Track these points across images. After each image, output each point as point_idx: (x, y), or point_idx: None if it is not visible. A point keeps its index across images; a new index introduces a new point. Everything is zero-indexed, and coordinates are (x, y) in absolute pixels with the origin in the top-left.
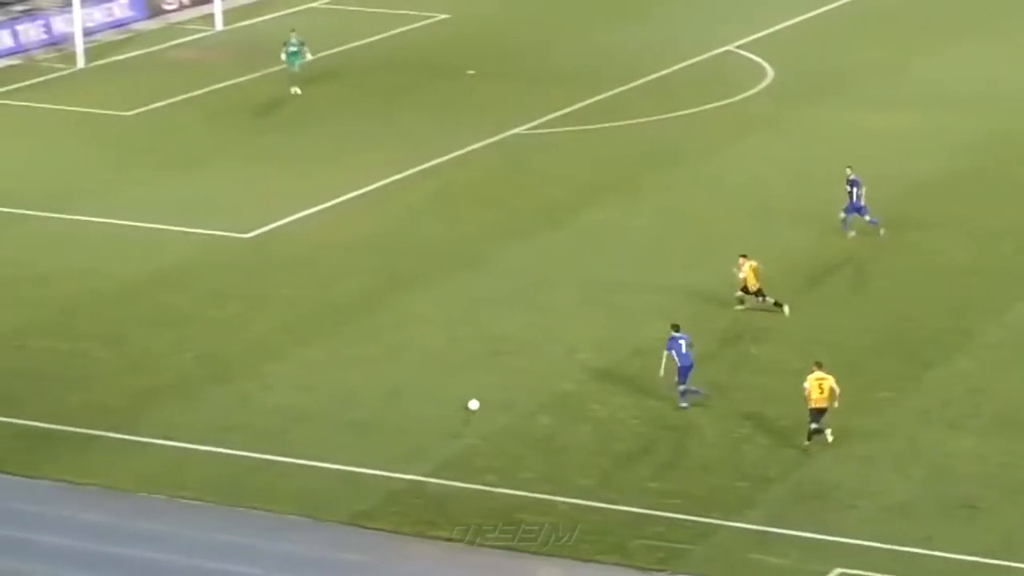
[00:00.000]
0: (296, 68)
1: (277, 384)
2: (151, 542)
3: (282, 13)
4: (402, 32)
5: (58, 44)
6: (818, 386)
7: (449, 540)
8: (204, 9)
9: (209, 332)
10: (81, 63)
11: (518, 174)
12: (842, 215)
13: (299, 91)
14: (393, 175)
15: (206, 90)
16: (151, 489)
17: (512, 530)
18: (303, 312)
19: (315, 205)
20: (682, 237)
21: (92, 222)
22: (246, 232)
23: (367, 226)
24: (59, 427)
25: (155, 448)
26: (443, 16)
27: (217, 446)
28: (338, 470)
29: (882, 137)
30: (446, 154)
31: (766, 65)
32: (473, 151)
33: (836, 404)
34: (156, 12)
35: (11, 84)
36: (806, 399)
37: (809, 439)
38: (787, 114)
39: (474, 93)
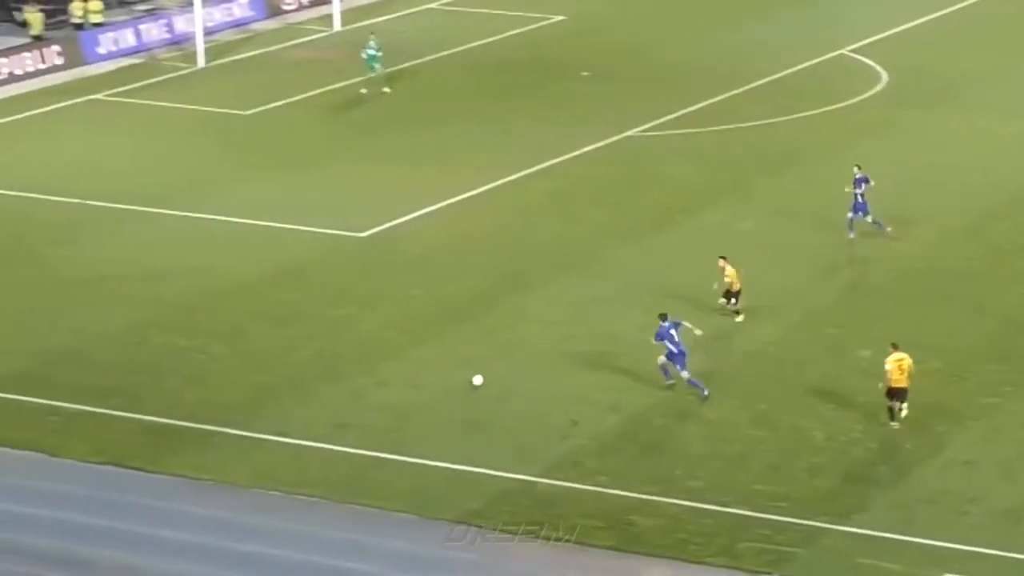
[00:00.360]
0: (377, 70)
1: (390, 382)
2: (266, 538)
3: (400, 14)
4: (518, 33)
5: (179, 43)
6: (898, 367)
7: (558, 540)
8: (323, 9)
9: (324, 330)
10: (201, 62)
11: (631, 176)
12: (849, 215)
13: (388, 90)
14: (508, 175)
15: (323, 90)
16: (267, 485)
17: (621, 531)
18: (417, 311)
19: (430, 205)
20: (792, 240)
21: (211, 220)
22: (362, 231)
23: (481, 226)
24: (178, 423)
25: (271, 445)
26: (559, 18)
27: (331, 443)
28: (449, 469)
29: (995, 142)
30: (560, 155)
31: (880, 69)
32: (587, 152)
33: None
34: (275, 12)
35: (134, 82)
36: (886, 380)
37: (892, 419)
38: (900, 118)
39: (588, 95)
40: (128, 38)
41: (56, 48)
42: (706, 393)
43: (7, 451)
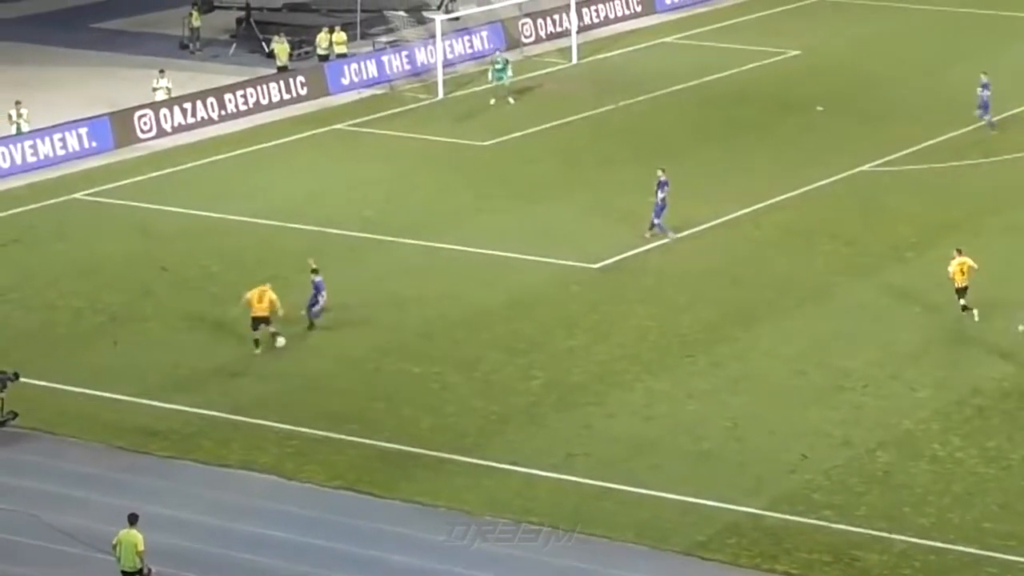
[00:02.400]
0: (505, 83)
1: (621, 413)
2: (495, 565)
3: (636, 47)
4: (753, 68)
5: (420, 75)
6: (959, 269)
7: (786, 574)
8: (560, 42)
9: (557, 359)
10: (441, 93)
11: (865, 210)
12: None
13: (512, 101)
14: (741, 209)
15: (560, 122)
16: (498, 512)
17: (847, 566)
18: (649, 342)
19: (665, 237)
20: None
21: (449, 249)
22: (595, 262)
23: (715, 258)
24: (412, 449)
25: (502, 472)
26: (794, 52)
27: (561, 472)
28: (678, 500)
29: None
30: (794, 189)
31: None
32: (821, 187)
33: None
34: (514, 44)
35: (375, 113)
36: (952, 281)
37: (964, 310)
38: None
39: (823, 129)
40: (370, 69)
41: (301, 78)
42: None
43: (249, 474)
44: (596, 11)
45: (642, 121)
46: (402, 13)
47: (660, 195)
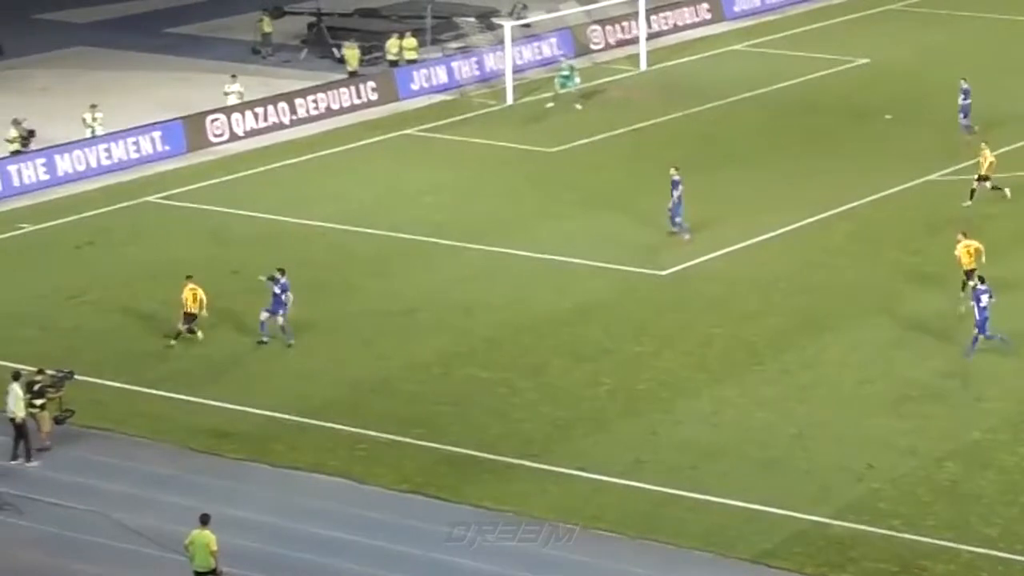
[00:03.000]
0: (571, 89)
1: (687, 420)
2: (562, 570)
3: (705, 55)
4: (822, 76)
5: (489, 81)
6: (966, 251)
7: None
8: (629, 49)
9: (624, 366)
10: (510, 99)
11: (933, 219)
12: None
13: (580, 107)
14: (810, 217)
15: (627, 129)
16: (565, 518)
17: None
18: (716, 349)
19: (732, 244)
20: None
21: (517, 255)
22: (663, 269)
23: (783, 266)
24: (479, 454)
25: (569, 478)
26: (863, 61)
27: (628, 479)
28: (744, 508)
29: None
30: (862, 198)
31: None
32: (889, 195)
33: (982, 260)
34: (583, 51)
35: (445, 118)
36: (958, 263)
37: (963, 289)
38: None
39: (891, 137)
40: (440, 75)
41: (371, 84)
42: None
43: (319, 477)
44: (665, 18)
45: (710, 129)
46: (472, 19)
47: (675, 194)
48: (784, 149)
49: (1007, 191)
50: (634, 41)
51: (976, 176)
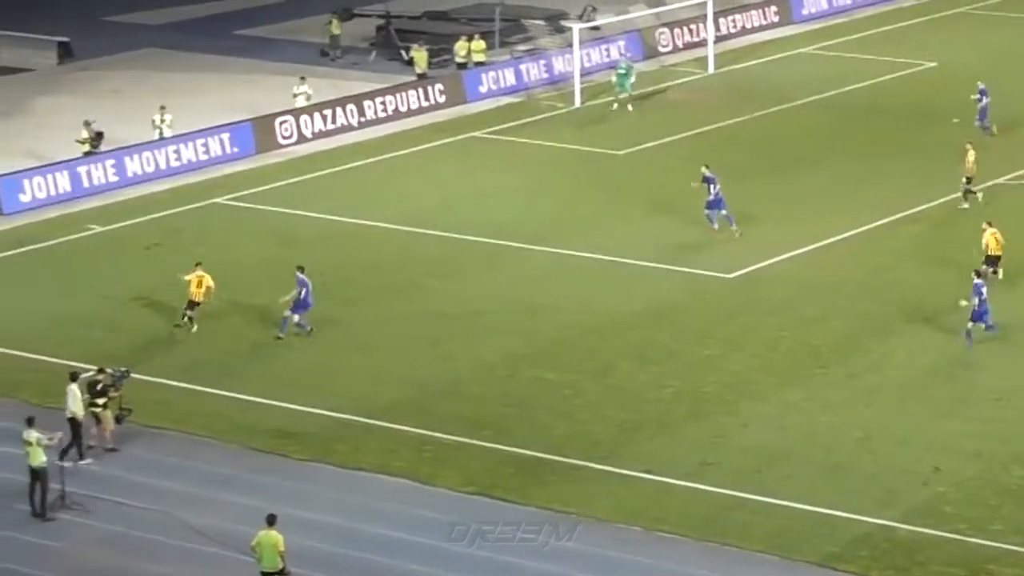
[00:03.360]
0: (628, 89)
1: (753, 423)
2: (625, 572)
3: (772, 57)
4: (890, 79)
5: (557, 83)
6: (993, 239)
7: None
8: (697, 52)
9: (690, 369)
10: (578, 102)
11: (1000, 223)
12: (705, 212)
13: (631, 108)
14: (877, 220)
15: (695, 132)
16: (629, 520)
17: None
18: (782, 353)
19: (799, 248)
20: None
21: (584, 257)
22: (730, 272)
23: (850, 270)
24: (545, 456)
25: (634, 480)
26: (930, 64)
27: (693, 481)
28: (810, 511)
29: None
30: (930, 201)
31: None
32: (956, 198)
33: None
34: (651, 54)
35: (511, 121)
36: (984, 250)
37: (993, 274)
38: None
39: (959, 141)
40: (508, 77)
41: (439, 86)
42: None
43: (383, 477)
44: (733, 21)
45: (778, 131)
46: (540, 22)
47: (714, 189)
48: (851, 152)
49: (979, 196)
50: (702, 44)
51: (965, 179)
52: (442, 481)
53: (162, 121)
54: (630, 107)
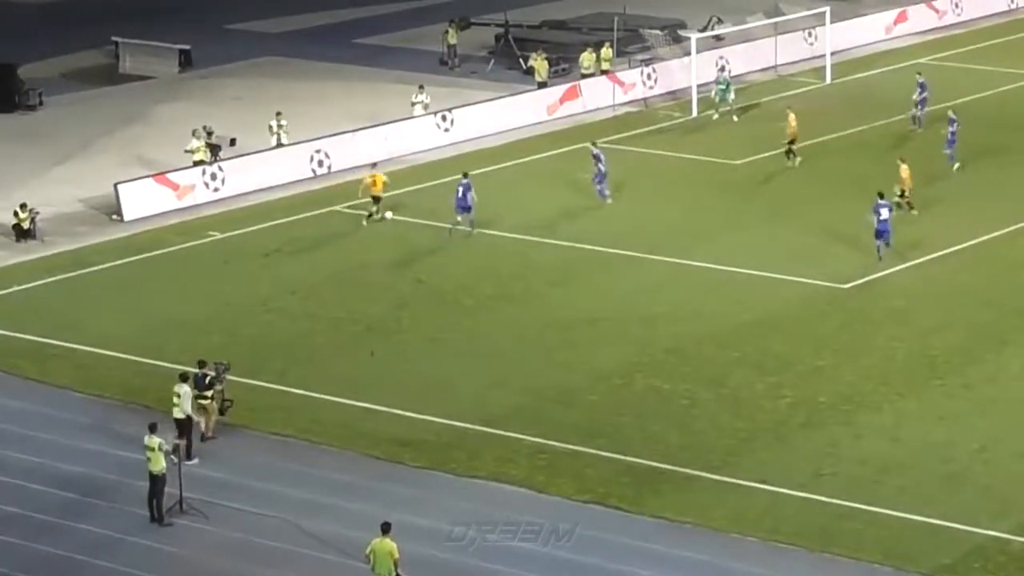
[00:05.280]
0: (729, 102)
1: (868, 433)
2: None
3: (888, 68)
4: (1005, 90)
5: (674, 93)
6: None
7: None
8: (814, 62)
9: (805, 379)
10: (695, 112)
11: None
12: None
13: (737, 119)
14: (995, 230)
15: (811, 142)
16: (744, 530)
17: None
18: (898, 363)
19: (915, 258)
20: None
21: (700, 267)
22: (845, 282)
23: (967, 279)
24: (660, 465)
25: (749, 490)
26: None
27: (807, 492)
28: (924, 522)
29: None
30: None
31: None
32: None
33: None
34: (769, 64)
35: (630, 130)
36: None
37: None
38: None
39: None
40: (628, 87)
41: (558, 95)
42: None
43: (500, 486)
44: (850, 31)
45: (895, 141)
46: (658, 32)
47: (601, 167)
48: (969, 162)
49: (797, 160)
50: (819, 55)
51: (787, 142)
52: (557, 489)
53: (279, 127)
54: (735, 118)
